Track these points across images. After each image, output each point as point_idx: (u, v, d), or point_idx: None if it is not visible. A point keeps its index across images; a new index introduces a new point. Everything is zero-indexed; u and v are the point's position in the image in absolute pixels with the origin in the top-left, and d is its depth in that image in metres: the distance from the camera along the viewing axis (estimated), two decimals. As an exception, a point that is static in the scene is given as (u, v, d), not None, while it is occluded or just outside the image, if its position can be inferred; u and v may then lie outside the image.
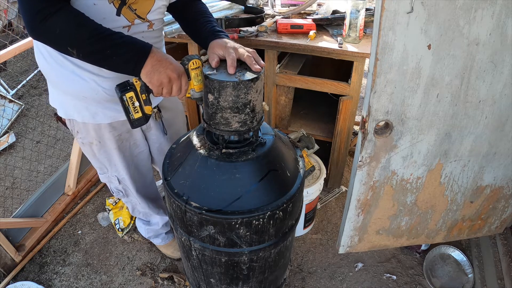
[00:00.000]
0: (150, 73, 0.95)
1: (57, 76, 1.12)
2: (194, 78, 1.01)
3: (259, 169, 1.10)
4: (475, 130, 1.15)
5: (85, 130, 1.27)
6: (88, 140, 1.31)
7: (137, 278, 1.79)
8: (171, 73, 0.96)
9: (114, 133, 1.28)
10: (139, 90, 0.96)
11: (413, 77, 1.01)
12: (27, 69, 3.92)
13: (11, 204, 2.22)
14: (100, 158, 1.37)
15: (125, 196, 1.57)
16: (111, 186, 1.52)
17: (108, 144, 1.31)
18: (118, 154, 1.35)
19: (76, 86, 1.11)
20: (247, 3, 2.10)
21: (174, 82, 0.97)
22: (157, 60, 0.95)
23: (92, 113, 1.19)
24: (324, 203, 2.16)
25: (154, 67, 0.95)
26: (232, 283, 1.30)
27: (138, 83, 0.96)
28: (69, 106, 1.19)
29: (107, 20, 0.99)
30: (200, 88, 1.03)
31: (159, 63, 0.95)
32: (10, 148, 2.74)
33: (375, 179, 1.22)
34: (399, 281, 1.74)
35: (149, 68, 0.95)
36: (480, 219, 1.44)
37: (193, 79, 1.01)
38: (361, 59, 1.72)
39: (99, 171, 1.47)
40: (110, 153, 1.35)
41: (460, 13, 0.91)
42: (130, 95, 0.95)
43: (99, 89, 1.12)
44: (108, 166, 1.41)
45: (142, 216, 1.74)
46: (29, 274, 1.82)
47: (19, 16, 4.14)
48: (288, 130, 2.16)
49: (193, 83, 1.02)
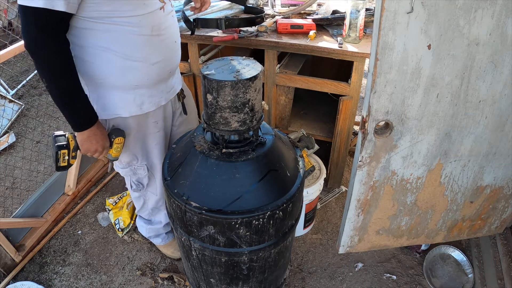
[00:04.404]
0: (84, 141, 1.21)
1: (106, 74, 1.18)
2: (115, 148, 1.30)
3: (259, 169, 1.10)
4: (475, 130, 1.15)
5: (124, 124, 1.32)
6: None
7: (137, 278, 1.79)
8: (99, 147, 1.23)
9: (152, 120, 1.37)
10: (71, 148, 1.25)
11: (413, 77, 1.00)
12: (27, 69, 3.92)
13: (11, 204, 2.22)
14: (134, 148, 1.41)
15: (144, 188, 1.57)
16: (132, 179, 1.53)
17: (145, 131, 1.39)
18: (153, 139, 1.42)
19: (128, 76, 1.20)
20: (247, 3, 2.10)
21: (98, 152, 1.25)
22: (94, 134, 1.20)
23: (139, 104, 1.28)
24: (324, 203, 2.16)
25: (89, 138, 1.20)
26: (232, 283, 1.30)
27: (73, 142, 1.24)
28: (114, 104, 1.25)
29: (146, 4, 1.13)
30: (116, 155, 1.33)
31: (94, 136, 1.20)
32: (10, 148, 2.74)
33: (375, 179, 1.22)
34: (399, 281, 1.74)
35: (85, 136, 1.19)
36: (480, 219, 1.44)
37: (113, 149, 1.30)
38: (361, 59, 1.72)
39: (124, 165, 1.48)
40: (145, 140, 1.41)
41: (460, 13, 0.91)
42: (64, 152, 1.24)
43: (150, 73, 1.23)
44: (140, 155, 1.44)
45: (146, 214, 1.74)
46: (29, 274, 1.82)
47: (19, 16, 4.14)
48: (288, 130, 2.16)
49: (112, 151, 1.30)
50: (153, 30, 1.16)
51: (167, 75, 1.32)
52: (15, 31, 4.00)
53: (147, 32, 1.15)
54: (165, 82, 1.33)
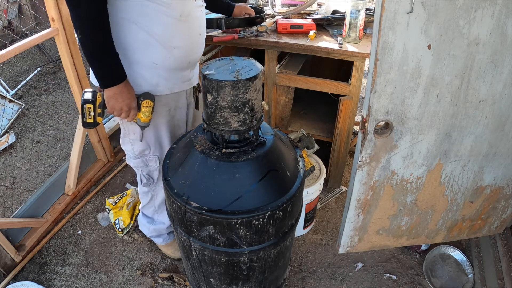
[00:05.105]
0: (110, 97, 1.19)
1: (129, 45, 1.22)
2: (143, 112, 1.26)
3: (259, 169, 1.10)
4: (475, 130, 1.15)
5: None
6: None
7: (137, 278, 1.79)
8: (125, 106, 1.21)
9: (165, 107, 1.39)
10: (98, 104, 1.23)
11: (413, 77, 1.00)
12: (27, 69, 3.92)
13: (11, 204, 2.22)
14: (147, 136, 1.43)
15: (154, 182, 1.57)
16: (142, 172, 1.54)
17: (159, 119, 1.40)
18: (165, 128, 1.44)
19: (148, 53, 1.23)
20: (247, 3, 2.10)
21: (124, 112, 1.23)
22: (120, 92, 1.18)
23: (154, 84, 1.30)
24: (324, 203, 2.16)
25: (115, 95, 1.18)
26: (232, 283, 1.30)
27: (99, 99, 1.22)
28: (132, 77, 1.26)
29: None
30: (145, 120, 1.28)
31: (121, 94, 1.19)
32: (10, 148, 2.74)
33: (375, 179, 1.22)
34: (399, 281, 1.74)
35: (112, 93, 1.18)
36: (480, 219, 1.44)
37: (141, 113, 1.26)
38: (361, 59, 1.72)
39: (136, 155, 1.49)
40: (158, 128, 1.43)
41: (460, 13, 0.91)
42: (89, 106, 1.22)
43: (169, 56, 1.26)
44: (153, 145, 1.46)
45: (151, 211, 1.73)
46: (29, 274, 1.82)
47: (19, 16, 4.14)
48: (288, 130, 2.16)
49: (140, 115, 1.27)
50: (181, 15, 1.22)
51: (186, 64, 1.34)
52: (15, 31, 4.00)
53: (176, 15, 1.20)
54: (183, 71, 1.35)
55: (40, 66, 3.92)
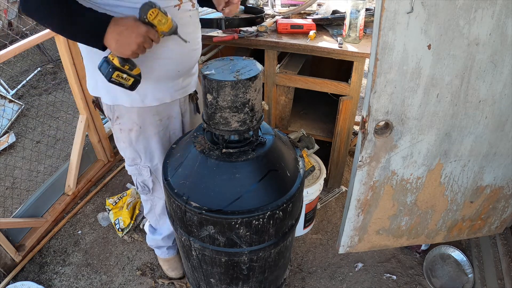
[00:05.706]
0: (118, 47, 1.00)
1: None
2: (159, 24, 1.01)
3: (259, 169, 1.10)
4: (475, 130, 1.15)
5: (128, 115, 1.29)
6: (127, 126, 1.32)
7: (137, 278, 1.79)
8: (136, 38, 0.99)
9: (156, 117, 1.32)
10: (119, 65, 1.02)
11: (413, 77, 1.00)
12: (27, 69, 3.93)
13: (11, 204, 2.22)
14: (137, 146, 1.38)
15: (150, 192, 1.54)
16: (137, 179, 1.51)
17: (149, 129, 1.34)
18: (157, 140, 1.38)
19: None
20: (247, 3, 2.10)
21: (141, 44, 1.01)
22: (118, 33, 0.99)
23: (141, 96, 1.24)
24: (324, 203, 2.16)
25: (118, 41, 0.99)
26: (232, 283, 1.30)
27: (116, 59, 1.02)
28: (117, 91, 1.21)
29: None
30: (168, 27, 1.04)
31: (120, 34, 0.99)
32: (10, 148, 2.74)
33: (375, 179, 1.22)
34: (399, 281, 1.74)
35: (114, 42, 0.99)
36: (480, 219, 1.44)
37: (158, 26, 1.02)
38: (361, 59, 1.72)
39: (130, 162, 1.46)
40: (149, 139, 1.37)
41: (460, 13, 0.91)
42: (116, 74, 1.03)
43: (154, 66, 1.18)
44: (143, 155, 1.41)
45: (154, 221, 1.69)
46: (29, 274, 1.82)
47: (19, 16, 4.14)
48: (288, 130, 2.16)
49: (160, 28, 1.03)
50: None
51: (175, 74, 1.27)
52: (15, 31, 4.00)
53: None
54: (173, 80, 1.29)
55: (40, 66, 3.92)
